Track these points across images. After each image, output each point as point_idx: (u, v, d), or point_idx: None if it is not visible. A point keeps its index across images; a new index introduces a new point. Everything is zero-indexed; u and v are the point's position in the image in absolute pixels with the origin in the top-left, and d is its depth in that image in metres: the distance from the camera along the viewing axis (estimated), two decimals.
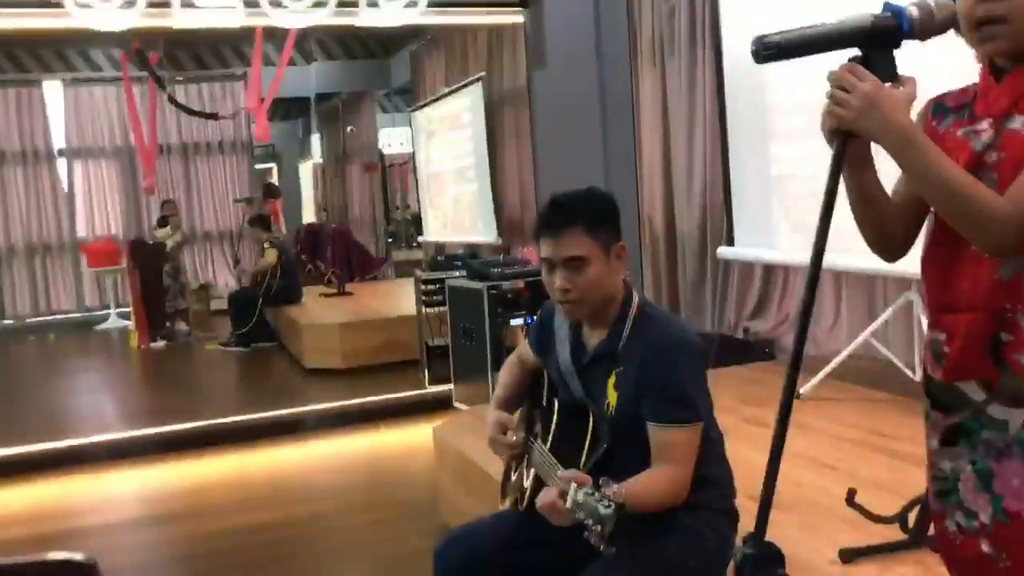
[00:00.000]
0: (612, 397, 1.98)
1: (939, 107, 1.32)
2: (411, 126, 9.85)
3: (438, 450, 3.94)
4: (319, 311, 7.87)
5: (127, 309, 9.03)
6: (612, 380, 1.99)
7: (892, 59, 1.17)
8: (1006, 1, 1.15)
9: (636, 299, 2.03)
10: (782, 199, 4.29)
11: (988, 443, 1.24)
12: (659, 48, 5.85)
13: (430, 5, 5.40)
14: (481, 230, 7.72)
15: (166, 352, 8.28)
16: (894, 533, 2.36)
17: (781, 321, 5.13)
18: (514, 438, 2.13)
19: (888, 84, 1.16)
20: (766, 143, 4.34)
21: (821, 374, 3.82)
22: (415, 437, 5.00)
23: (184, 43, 10.28)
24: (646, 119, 6.04)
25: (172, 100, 9.65)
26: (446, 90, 8.38)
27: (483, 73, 7.52)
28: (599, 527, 1.59)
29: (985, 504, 1.24)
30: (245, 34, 7.97)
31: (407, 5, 5.31)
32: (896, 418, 3.46)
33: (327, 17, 5.21)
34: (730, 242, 4.70)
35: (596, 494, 1.65)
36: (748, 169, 4.51)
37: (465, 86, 7.76)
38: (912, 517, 2.32)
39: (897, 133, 1.16)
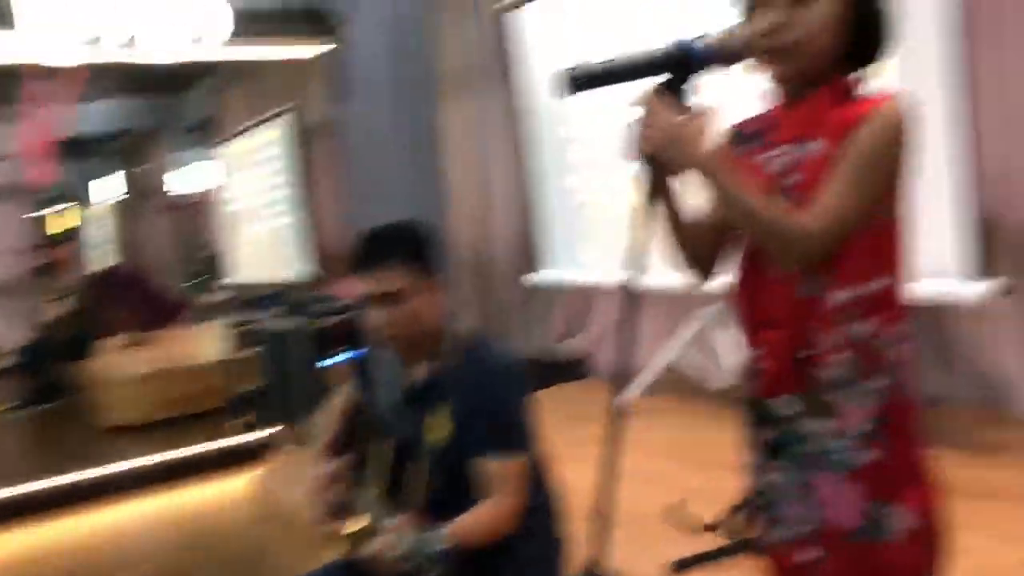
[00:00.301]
0: (440, 432, 1.95)
1: (738, 135, 1.38)
2: (212, 162, 9.47)
3: (261, 501, 3.76)
4: (118, 362, 7.36)
5: None
6: (439, 415, 1.95)
7: (694, 86, 1.21)
8: (794, 29, 1.22)
9: (460, 330, 2.01)
10: (587, 224, 4.43)
11: (803, 456, 1.30)
12: (462, 81, 5.92)
13: (232, 36, 5.20)
14: (295, 267, 7.50)
15: None
16: (720, 541, 2.45)
17: (592, 342, 5.29)
18: (337, 490, 2.05)
19: (690, 111, 1.20)
20: (563, 173, 4.47)
21: (631, 388, 3.95)
22: (232, 489, 4.75)
23: None
24: (453, 152, 6.09)
25: None
26: (251, 123, 8.11)
27: (291, 104, 7.34)
28: (432, 572, 1.55)
29: (802, 514, 1.30)
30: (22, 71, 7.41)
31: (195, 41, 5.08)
32: (705, 427, 3.61)
33: (110, 52, 4.91)
34: (537, 268, 4.80)
35: (425, 538, 1.61)
36: (549, 198, 4.63)
37: (273, 118, 7.55)
38: (735, 522, 2.42)
39: (699, 160, 1.21)
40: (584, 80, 1.20)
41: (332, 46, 5.79)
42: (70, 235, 12.08)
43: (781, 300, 1.28)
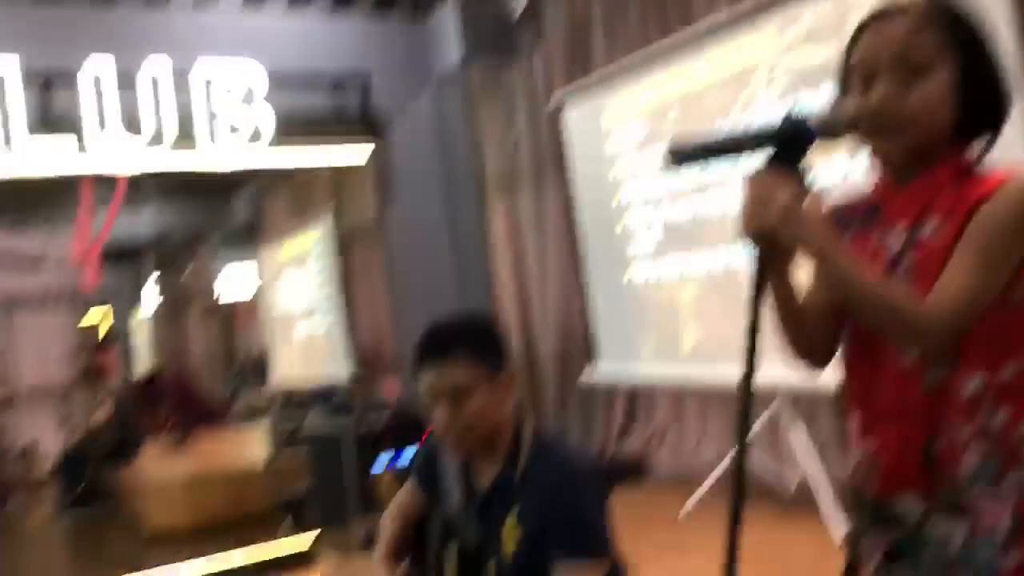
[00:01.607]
0: (511, 538, 1.83)
1: (839, 219, 1.30)
2: (256, 264, 9.58)
3: None
4: (160, 467, 7.29)
5: None
6: (511, 520, 1.83)
7: (805, 165, 1.14)
8: (905, 107, 1.16)
9: (529, 428, 1.91)
10: (642, 320, 4.34)
11: (931, 564, 1.18)
12: (507, 181, 5.96)
13: (273, 143, 5.27)
14: (336, 368, 7.45)
15: None
16: None
17: (646, 440, 5.13)
18: None
19: (803, 189, 1.13)
20: (618, 269, 4.41)
21: (699, 492, 3.78)
22: None
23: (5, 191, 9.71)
24: (498, 251, 6.08)
25: None
26: (293, 227, 8.23)
27: (331, 207, 7.43)
28: None
29: None
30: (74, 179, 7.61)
31: (251, 140, 5.16)
32: (776, 530, 3.45)
33: (167, 154, 4.99)
34: (593, 366, 4.69)
35: None
36: (606, 295, 4.57)
37: (313, 222, 7.64)
38: None
39: (819, 239, 1.13)
40: (687, 154, 1.14)
41: (372, 148, 5.85)
42: (115, 339, 12.21)
43: (905, 390, 1.18)
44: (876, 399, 1.21)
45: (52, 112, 4.90)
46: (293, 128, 5.54)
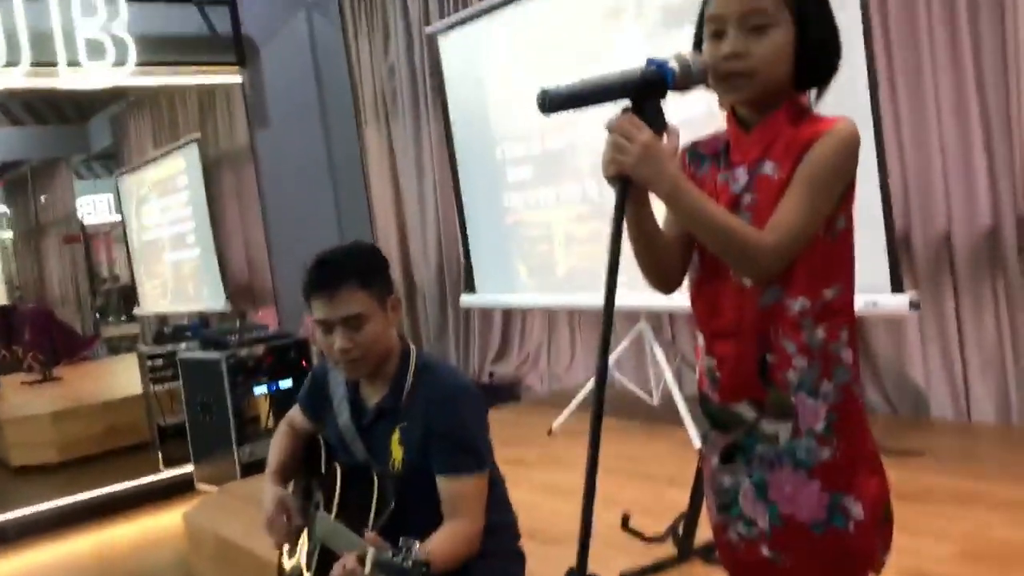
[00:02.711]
0: (397, 454, 1.95)
1: (694, 154, 1.45)
2: (117, 193, 9.20)
3: (192, 537, 3.66)
4: (22, 401, 7.07)
5: None
6: (396, 436, 1.95)
7: (661, 109, 1.27)
8: (749, 58, 1.30)
9: (414, 350, 2.03)
10: (519, 245, 4.48)
11: (761, 457, 1.36)
12: (383, 106, 5.93)
13: (139, 65, 5.09)
14: (207, 297, 7.32)
15: None
16: (664, 551, 2.50)
17: (523, 362, 5.34)
18: (294, 519, 2.03)
19: (658, 133, 1.26)
20: (498, 193, 4.52)
21: (568, 409, 4.00)
22: (158, 527, 4.61)
23: None
24: (375, 175, 6.09)
25: None
26: (157, 153, 7.93)
27: (198, 134, 7.20)
28: None
29: (763, 512, 1.36)
30: None
31: (115, 65, 4.97)
32: (643, 442, 3.69)
33: (23, 79, 4.75)
34: (470, 289, 4.82)
35: (400, 555, 1.60)
36: (482, 219, 4.67)
37: (178, 148, 7.39)
38: (678, 533, 2.48)
39: (669, 180, 1.26)
40: (558, 100, 1.24)
41: (243, 72, 5.71)
42: None
43: (743, 309, 1.34)
44: (718, 318, 1.38)
45: None
46: (161, 52, 5.35)
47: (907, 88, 3.40)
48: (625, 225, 1.30)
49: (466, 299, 4.86)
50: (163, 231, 8.08)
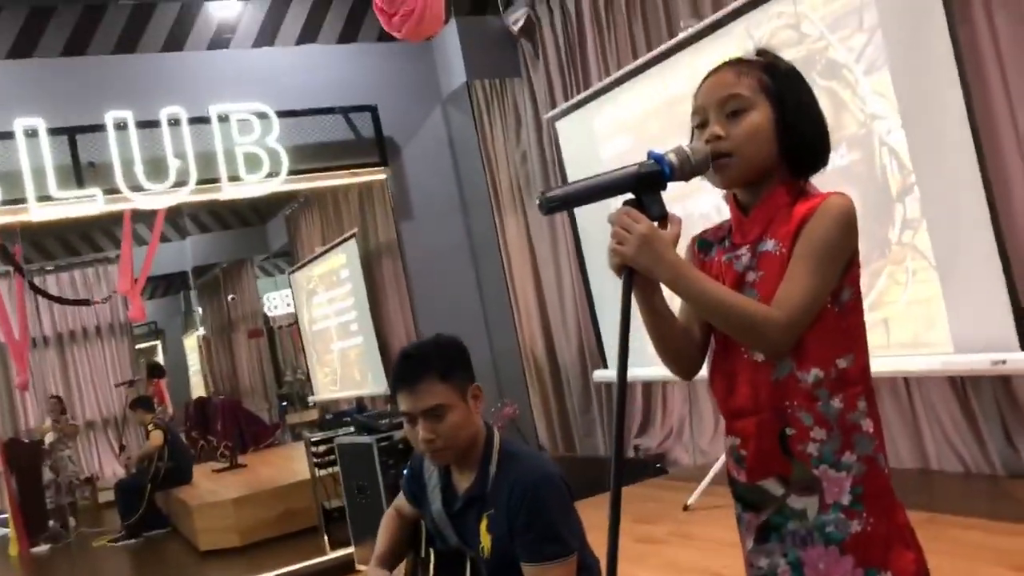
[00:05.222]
0: (486, 540, 2.01)
1: (702, 243, 1.51)
2: (291, 287, 9.88)
3: None
4: (210, 488, 7.59)
5: (4, 515, 8.49)
6: (485, 523, 2.01)
7: (660, 200, 1.32)
8: (728, 140, 1.35)
9: (497, 437, 2.09)
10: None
11: (794, 534, 1.35)
12: (518, 191, 6.14)
13: (291, 173, 5.55)
14: (371, 382, 7.69)
15: (50, 556, 7.77)
16: None
17: (667, 436, 5.27)
18: None
19: (659, 222, 1.31)
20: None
21: (704, 482, 3.92)
22: None
23: (50, 231, 10.15)
24: (514, 260, 6.27)
25: (34, 288, 9.42)
26: (322, 249, 8.50)
27: (356, 229, 7.68)
28: None
29: None
30: (114, 217, 7.97)
31: (268, 175, 5.44)
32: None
33: (189, 195, 5.29)
34: (604, 365, 4.85)
35: None
36: (610, 295, 4.72)
37: (341, 243, 7.89)
38: None
39: (669, 267, 1.31)
40: (558, 202, 1.31)
41: (386, 173, 6.09)
42: (163, 367, 12.62)
43: (758, 385, 1.35)
44: (736, 396, 1.39)
45: (81, 163, 5.22)
46: (310, 160, 5.81)
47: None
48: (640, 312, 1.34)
49: (599, 375, 4.89)
50: (330, 321, 8.60)
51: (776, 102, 1.35)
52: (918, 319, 3.08)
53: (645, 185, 1.32)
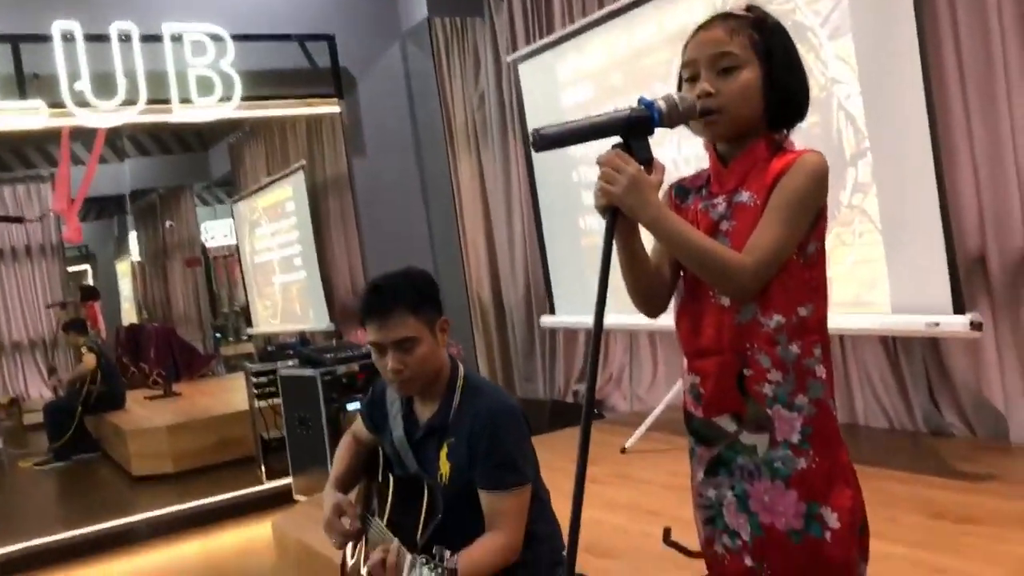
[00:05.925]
0: (445, 468, 2.07)
1: (680, 189, 1.58)
2: (233, 217, 9.74)
3: (278, 544, 3.88)
4: (144, 415, 7.55)
5: None
6: (444, 451, 2.07)
7: (647, 145, 1.37)
8: (719, 97, 1.40)
9: (461, 371, 2.15)
10: (596, 266, 4.57)
11: (742, 468, 1.44)
12: (473, 134, 6.13)
13: (244, 99, 5.45)
14: (312, 317, 7.67)
15: None
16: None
17: (607, 382, 5.40)
18: (349, 523, 2.17)
19: (644, 166, 1.36)
20: (575, 216, 4.63)
21: (642, 428, 4.06)
22: (255, 535, 4.87)
23: None
24: (466, 201, 6.28)
25: None
26: (267, 180, 8.38)
27: (303, 162, 7.58)
28: None
29: (744, 522, 1.44)
30: (51, 134, 7.71)
31: (220, 100, 5.33)
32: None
33: (138, 115, 5.16)
34: (551, 311, 4.93)
35: (431, 564, 1.72)
36: (561, 242, 4.79)
37: (286, 175, 7.79)
38: None
39: (652, 209, 1.37)
40: (551, 139, 1.35)
41: (344, 105, 6.01)
42: (98, 291, 12.36)
43: (722, 327, 1.43)
44: (700, 337, 1.47)
45: (25, 73, 5.04)
46: (265, 86, 5.70)
47: (980, 104, 3.35)
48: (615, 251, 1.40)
49: (546, 320, 4.97)
50: (273, 254, 8.52)
51: (765, 59, 1.40)
52: (861, 280, 3.21)
53: (634, 130, 1.36)
